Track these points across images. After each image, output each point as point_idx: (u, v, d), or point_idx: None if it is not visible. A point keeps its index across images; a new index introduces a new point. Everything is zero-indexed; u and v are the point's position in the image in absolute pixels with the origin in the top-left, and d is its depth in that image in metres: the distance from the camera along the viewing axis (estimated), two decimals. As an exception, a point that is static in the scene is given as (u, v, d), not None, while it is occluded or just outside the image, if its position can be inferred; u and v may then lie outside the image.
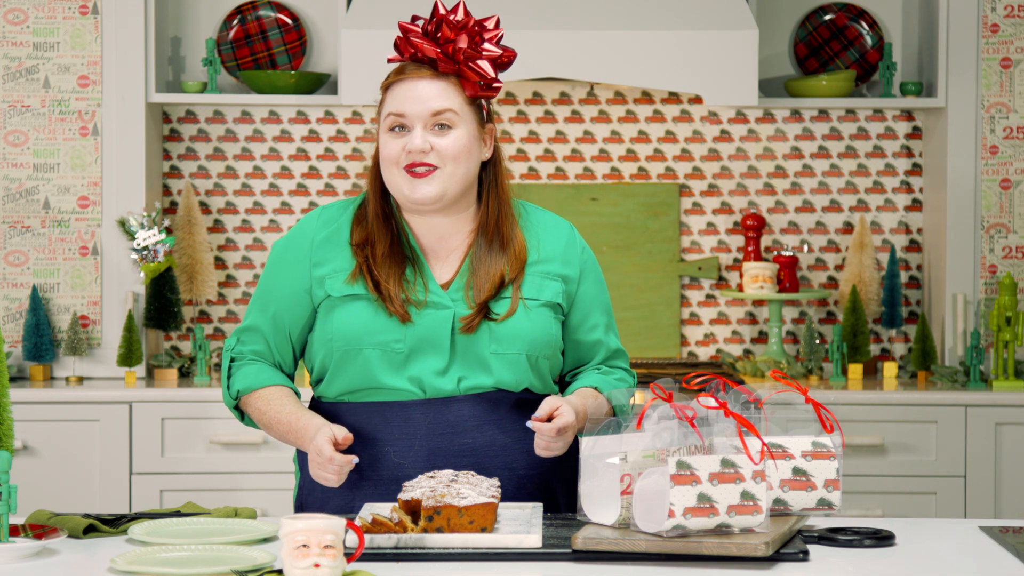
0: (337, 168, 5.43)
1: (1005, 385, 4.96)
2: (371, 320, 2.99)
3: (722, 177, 5.45)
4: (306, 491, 3.08)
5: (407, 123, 3.00)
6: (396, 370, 2.98)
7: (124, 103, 5.11)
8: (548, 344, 3.03)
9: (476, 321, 2.98)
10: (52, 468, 4.85)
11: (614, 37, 4.93)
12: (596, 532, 2.62)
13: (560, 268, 3.07)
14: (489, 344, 2.99)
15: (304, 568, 2.32)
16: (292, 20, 5.41)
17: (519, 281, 3.03)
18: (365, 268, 3.01)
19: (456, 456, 2.96)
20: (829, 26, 5.45)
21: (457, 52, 2.99)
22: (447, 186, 2.99)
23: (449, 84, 3.01)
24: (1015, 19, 5.17)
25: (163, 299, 5.10)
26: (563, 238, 3.11)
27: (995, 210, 5.18)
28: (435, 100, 2.99)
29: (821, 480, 2.78)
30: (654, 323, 5.40)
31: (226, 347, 3.11)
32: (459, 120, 3.00)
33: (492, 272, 3.02)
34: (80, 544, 2.75)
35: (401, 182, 3.00)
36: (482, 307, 2.99)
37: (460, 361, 2.99)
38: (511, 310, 3.00)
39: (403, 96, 3.00)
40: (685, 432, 2.65)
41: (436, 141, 2.99)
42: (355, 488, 2.99)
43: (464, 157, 3.00)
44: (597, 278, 3.13)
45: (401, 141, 3.00)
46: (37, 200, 5.11)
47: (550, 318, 3.04)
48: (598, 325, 3.12)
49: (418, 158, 2.98)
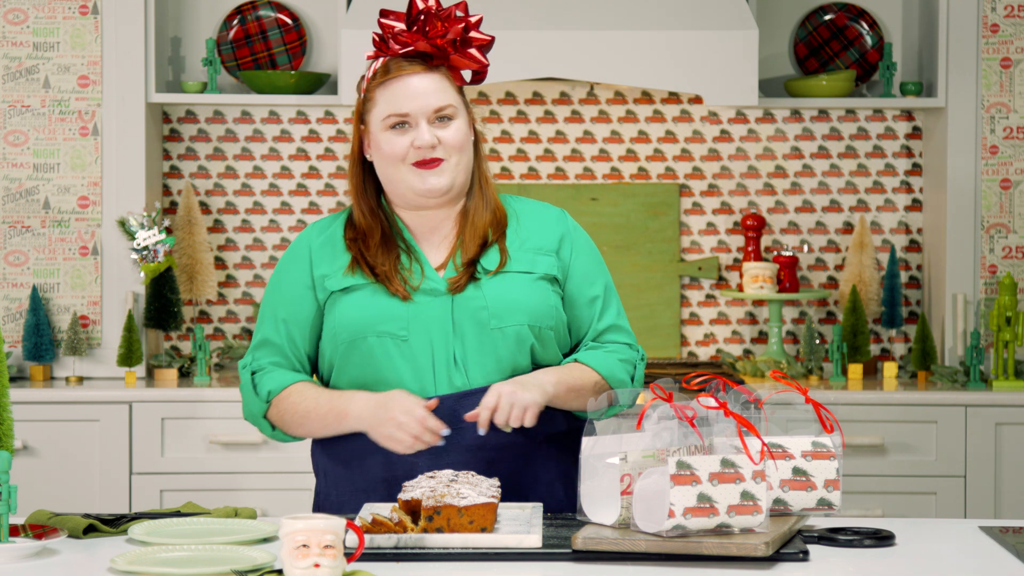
0: (337, 168, 5.43)
1: (1005, 385, 4.96)
2: (372, 308, 2.99)
3: (722, 177, 5.45)
4: (322, 497, 3.08)
5: (410, 120, 3.00)
6: (404, 362, 2.98)
7: (124, 103, 5.11)
8: (549, 315, 3.03)
9: (464, 280, 2.99)
10: (52, 468, 4.85)
11: (614, 37, 4.93)
12: (596, 532, 2.62)
13: (552, 243, 3.08)
14: (490, 320, 2.99)
15: (304, 568, 2.32)
16: (292, 20, 5.41)
17: (503, 240, 3.04)
18: (361, 259, 3.02)
19: (467, 451, 2.96)
20: (829, 26, 5.45)
21: (448, 44, 3.00)
22: (455, 176, 3.02)
23: (443, 77, 3.03)
24: (1015, 19, 5.17)
25: (163, 299, 5.10)
26: (552, 217, 3.12)
27: (995, 210, 5.18)
28: (435, 96, 3.00)
29: (821, 480, 2.78)
30: (654, 323, 5.40)
31: (241, 366, 3.10)
32: (456, 111, 3.03)
33: (478, 228, 3.04)
34: (80, 544, 2.75)
35: (410, 177, 3.01)
36: (469, 265, 3.00)
37: (464, 344, 2.99)
38: (500, 264, 3.01)
39: (401, 94, 3.00)
40: (685, 432, 2.65)
41: (440, 134, 3.01)
42: (370, 491, 2.99)
43: (467, 146, 3.04)
44: (591, 253, 3.13)
45: (407, 137, 3.00)
46: (37, 200, 5.11)
47: (548, 290, 3.04)
48: (595, 299, 3.10)
49: (427, 153, 2.99)
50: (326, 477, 3.08)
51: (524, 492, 3.01)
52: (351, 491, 3.02)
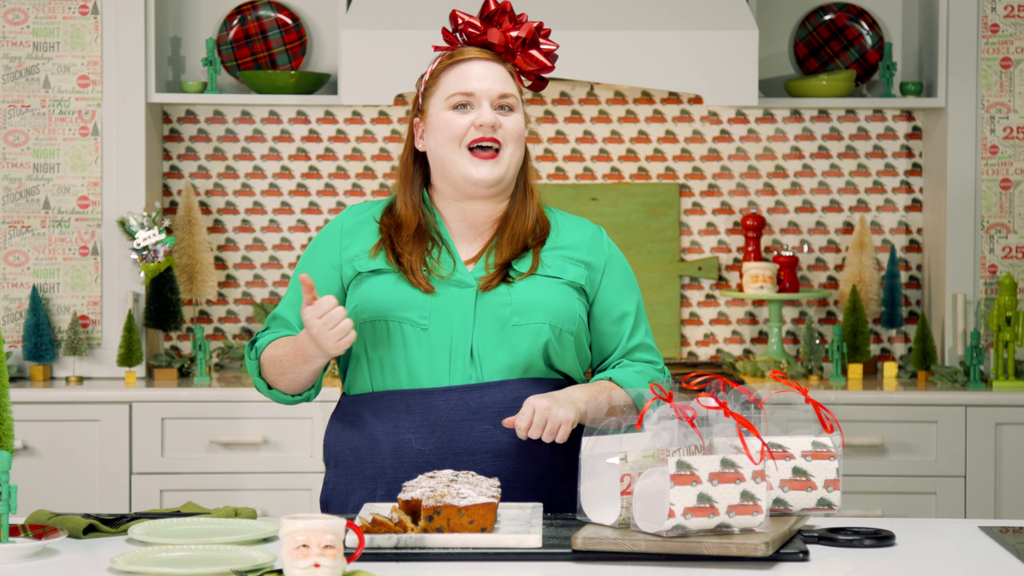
0: (337, 168, 5.43)
1: (1005, 385, 4.96)
2: (395, 293, 3.01)
3: (722, 177, 5.45)
4: (330, 485, 3.10)
5: (473, 102, 3.05)
6: (418, 348, 3.00)
7: (124, 103, 5.11)
8: (571, 319, 3.04)
9: (496, 281, 3.01)
10: (52, 468, 4.85)
11: (614, 37, 4.93)
12: (596, 532, 2.62)
13: (584, 256, 3.11)
14: (511, 316, 3.00)
15: (304, 568, 2.32)
16: (292, 20, 5.41)
17: (540, 248, 3.07)
18: (388, 243, 3.05)
19: (477, 444, 2.97)
20: (829, 26, 5.45)
21: (518, 40, 3.06)
22: (507, 168, 3.05)
23: (507, 70, 3.08)
24: (1015, 19, 5.17)
25: (163, 299, 5.10)
26: (590, 232, 3.16)
27: (995, 210, 5.18)
28: (500, 82, 3.06)
29: (821, 480, 2.78)
30: (654, 323, 5.40)
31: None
32: (518, 105, 3.08)
33: (517, 234, 3.06)
34: (80, 544, 2.75)
35: (464, 162, 3.04)
36: (502, 267, 3.02)
37: (482, 337, 3.00)
38: (532, 268, 3.03)
39: (469, 75, 3.05)
40: (685, 432, 2.65)
41: (502, 120, 3.04)
42: (378, 477, 3.01)
43: (521, 141, 3.08)
44: (624, 274, 3.15)
45: (469, 117, 3.04)
46: (37, 200, 5.11)
47: (573, 296, 3.06)
48: (624, 317, 3.12)
49: (487, 133, 3.02)
50: (336, 466, 3.08)
51: (524, 491, 3.02)
52: (360, 478, 3.03)
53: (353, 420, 3.06)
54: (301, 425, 4.87)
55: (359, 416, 3.05)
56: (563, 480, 3.05)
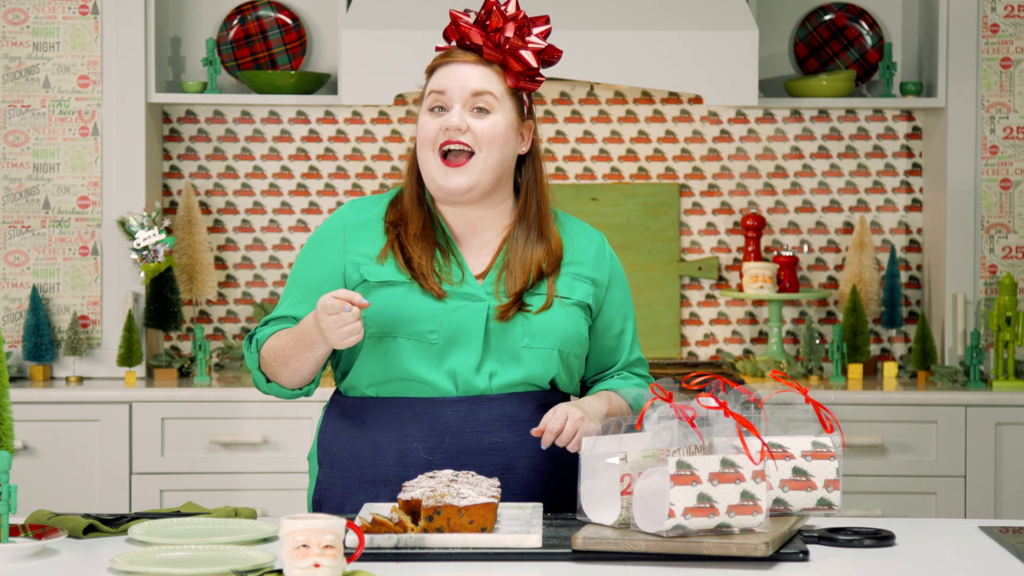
0: (337, 168, 5.43)
1: (1005, 385, 4.96)
2: (405, 307, 2.98)
3: (722, 177, 5.45)
4: (325, 486, 3.07)
5: (446, 102, 3.01)
6: (429, 363, 2.98)
7: (124, 103, 5.11)
8: (579, 342, 3.05)
9: (512, 312, 2.99)
10: (52, 468, 4.85)
11: (614, 37, 4.93)
12: (596, 532, 2.62)
13: (591, 272, 3.10)
14: (522, 338, 2.99)
15: (304, 568, 2.32)
16: (292, 20, 5.41)
17: (555, 276, 3.05)
18: (397, 245, 3.02)
19: (485, 455, 2.97)
20: (829, 26, 5.45)
21: (503, 41, 3.02)
22: (480, 176, 2.99)
23: (492, 71, 3.03)
24: (1015, 19, 5.17)
25: (163, 299, 5.10)
26: (595, 244, 3.15)
27: (995, 210, 5.18)
28: (476, 81, 3.01)
29: (821, 480, 2.78)
30: (654, 323, 5.40)
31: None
32: (498, 106, 3.01)
33: (527, 263, 3.03)
34: (80, 544, 2.75)
35: (435, 170, 3.00)
36: (517, 297, 3.00)
37: (492, 355, 2.99)
38: (546, 304, 3.01)
39: (446, 75, 3.03)
40: (685, 432, 2.65)
41: (473, 123, 3.00)
42: (380, 482, 2.99)
43: (499, 144, 3.01)
44: (624, 287, 3.17)
45: (439, 120, 3.00)
46: (37, 200, 5.11)
47: (580, 317, 3.06)
48: (623, 331, 3.15)
49: (454, 135, 2.98)
50: (332, 466, 3.06)
51: (524, 491, 3.02)
52: (360, 482, 3.02)
53: (354, 422, 3.04)
54: (301, 425, 4.87)
55: (361, 419, 3.03)
56: (564, 482, 3.05)
